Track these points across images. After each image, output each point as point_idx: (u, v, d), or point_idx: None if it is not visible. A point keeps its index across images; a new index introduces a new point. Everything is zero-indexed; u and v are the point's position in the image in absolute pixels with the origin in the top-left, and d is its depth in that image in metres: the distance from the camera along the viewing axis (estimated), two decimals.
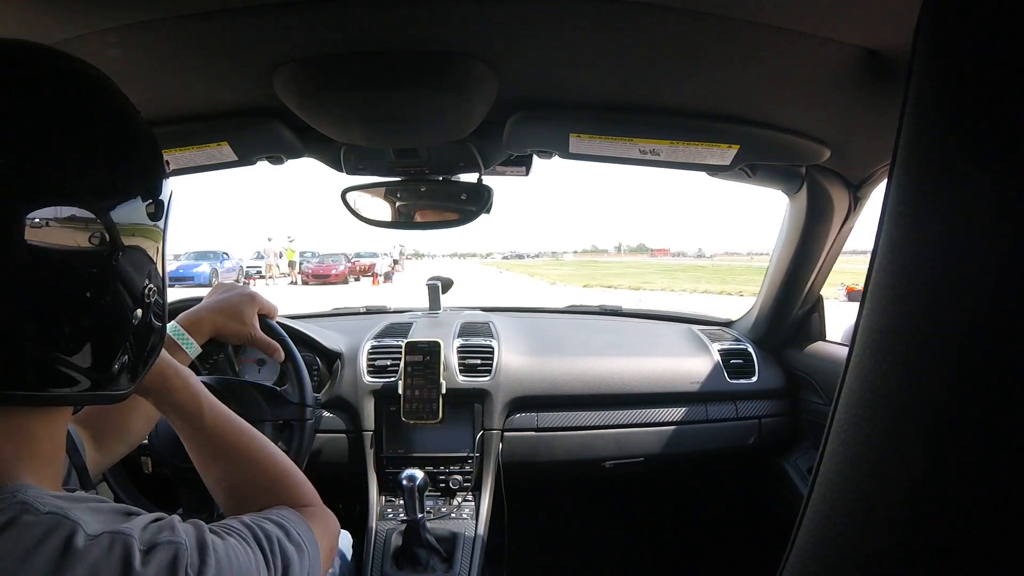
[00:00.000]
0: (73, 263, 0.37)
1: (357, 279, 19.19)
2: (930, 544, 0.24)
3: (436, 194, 1.11)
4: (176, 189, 0.47)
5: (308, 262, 19.02)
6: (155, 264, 0.43)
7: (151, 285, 0.43)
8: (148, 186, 0.42)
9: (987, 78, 0.23)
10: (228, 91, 0.78)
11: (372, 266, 20.91)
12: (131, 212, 0.40)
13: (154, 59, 0.67)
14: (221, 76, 0.73)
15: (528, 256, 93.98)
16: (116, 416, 0.71)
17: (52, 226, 0.36)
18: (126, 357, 0.42)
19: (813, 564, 0.29)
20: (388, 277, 19.48)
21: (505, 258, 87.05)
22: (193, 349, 0.79)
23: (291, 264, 18.29)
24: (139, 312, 0.42)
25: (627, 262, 60.49)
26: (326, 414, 1.26)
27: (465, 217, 1.10)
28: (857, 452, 0.27)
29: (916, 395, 0.24)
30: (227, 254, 18.52)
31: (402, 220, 1.14)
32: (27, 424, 0.40)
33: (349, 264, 19.59)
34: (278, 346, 0.91)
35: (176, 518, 0.42)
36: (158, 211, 0.42)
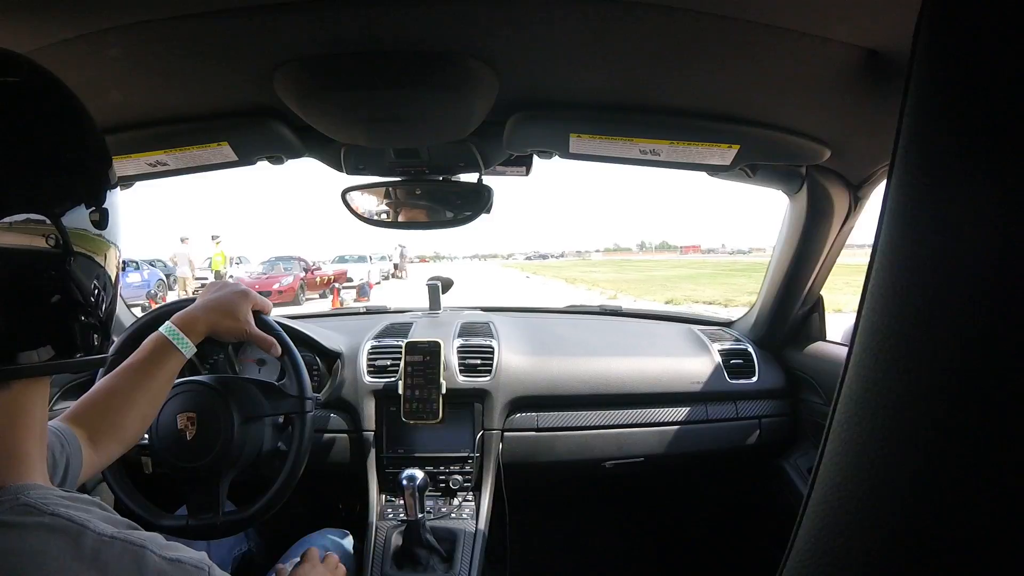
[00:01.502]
0: (29, 263, 0.38)
1: (323, 295, 13.67)
2: (930, 545, 0.24)
3: (436, 194, 1.12)
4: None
5: (246, 272, 13.02)
6: (103, 268, 0.44)
7: (101, 277, 0.44)
8: (95, 194, 0.43)
9: (987, 78, 0.23)
10: (228, 91, 0.78)
11: (338, 277, 14.39)
12: (77, 218, 0.41)
13: (154, 59, 0.67)
14: (221, 76, 0.73)
15: (552, 256, 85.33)
16: (110, 415, 0.71)
17: (12, 229, 0.37)
18: (86, 329, 0.43)
19: (812, 565, 0.29)
20: (362, 292, 13.01)
21: (528, 258, 78.91)
22: (188, 348, 0.80)
23: (218, 276, 12.05)
24: (96, 293, 0.44)
25: (667, 260, 49.97)
26: (330, 415, 1.26)
27: (465, 217, 1.10)
28: (857, 452, 0.27)
29: (916, 395, 0.24)
30: (136, 263, 12.68)
31: (402, 220, 1.14)
32: (23, 403, 0.41)
33: (304, 274, 13.40)
34: (274, 341, 0.91)
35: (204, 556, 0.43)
36: (103, 219, 0.43)
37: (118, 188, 0.47)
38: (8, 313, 0.38)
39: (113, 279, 0.46)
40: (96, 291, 0.44)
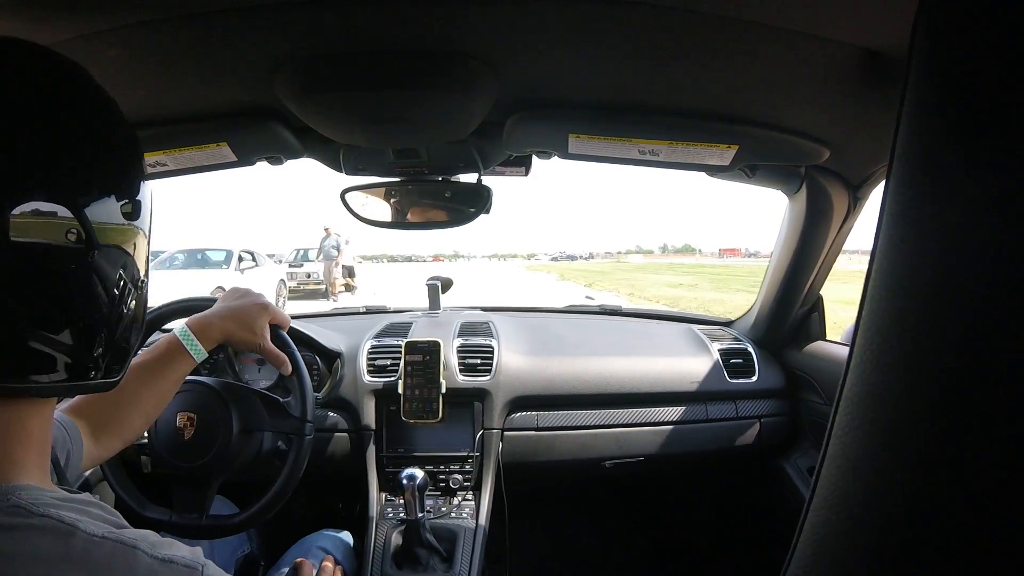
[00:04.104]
0: (50, 258, 0.37)
1: None
2: (933, 545, 0.24)
3: (436, 194, 1.12)
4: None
5: None
6: (133, 261, 0.43)
7: (126, 283, 0.42)
8: (124, 185, 0.42)
9: (985, 78, 0.23)
10: (228, 91, 0.78)
11: None
12: (106, 211, 0.40)
13: (154, 59, 0.67)
14: (221, 76, 0.73)
15: (580, 257, 74.70)
16: (113, 410, 0.71)
17: (30, 221, 0.35)
18: (105, 350, 0.42)
19: (815, 566, 0.29)
20: None
21: (553, 259, 68.51)
22: (200, 354, 0.79)
23: None
24: (120, 308, 0.42)
25: (728, 266, 38.07)
26: (330, 414, 1.26)
27: (465, 217, 1.10)
28: (858, 454, 0.27)
29: (917, 395, 0.24)
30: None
31: (402, 220, 1.14)
32: (21, 416, 0.40)
33: None
34: (287, 360, 0.90)
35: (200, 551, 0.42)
36: (135, 211, 0.42)
37: (149, 184, 0.45)
38: (20, 326, 0.36)
39: (139, 282, 0.44)
40: (122, 294, 0.42)
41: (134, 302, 0.44)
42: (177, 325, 0.81)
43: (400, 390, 1.20)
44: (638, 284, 18.35)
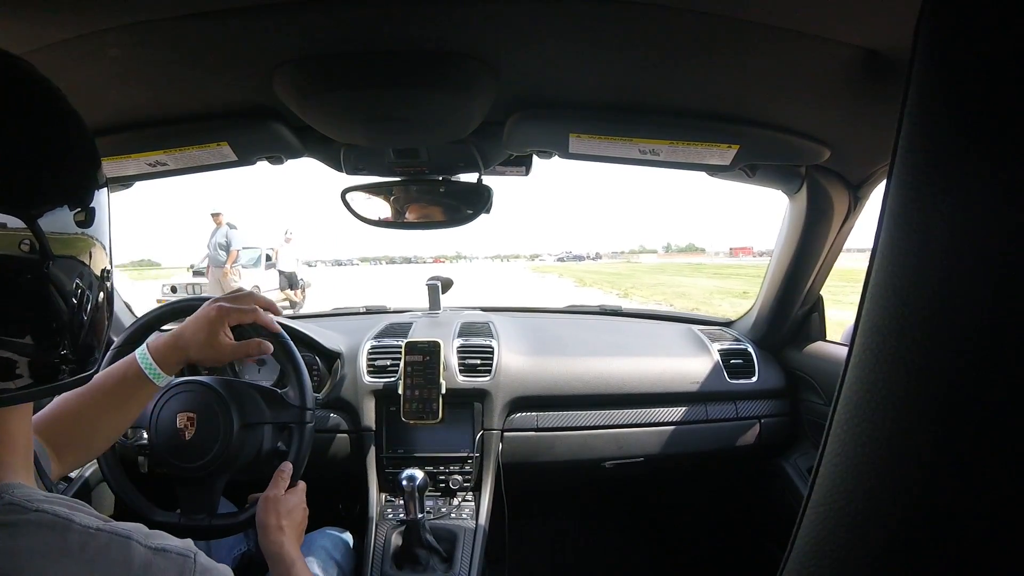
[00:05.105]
0: (4, 269, 0.36)
1: None
2: (931, 545, 0.24)
3: (436, 194, 1.12)
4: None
5: None
6: (90, 267, 0.42)
7: (84, 289, 0.41)
8: (78, 195, 0.40)
9: (988, 77, 0.23)
10: (228, 91, 0.78)
11: None
12: (60, 220, 0.39)
13: (154, 59, 0.67)
14: (221, 76, 0.73)
15: (587, 257, 70.89)
16: (77, 435, 0.71)
17: None
18: (70, 352, 0.41)
19: (813, 565, 0.29)
20: None
21: (559, 260, 66.40)
22: (161, 379, 0.77)
23: None
24: (81, 312, 0.41)
25: (754, 265, 33.93)
26: (330, 415, 1.26)
27: (465, 217, 1.10)
28: (857, 453, 0.27)
29: (917, 395, 0.24)
30: None
31: (402, 220, 1.14)
32: (4, 421, 0.41)
33: None
34: (260, 341, 0.85)
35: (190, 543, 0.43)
36: (88, 218, 0.41)
37: (107, 189, 0.44)
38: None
39: (100, 284, 0.43)
40: (82, 299, 0.41)
41: (96, 304, 0.43)
42: (139, 348, 0.78)
43: (400, 391, 1.20)
44: (689, 292, 14.75)
